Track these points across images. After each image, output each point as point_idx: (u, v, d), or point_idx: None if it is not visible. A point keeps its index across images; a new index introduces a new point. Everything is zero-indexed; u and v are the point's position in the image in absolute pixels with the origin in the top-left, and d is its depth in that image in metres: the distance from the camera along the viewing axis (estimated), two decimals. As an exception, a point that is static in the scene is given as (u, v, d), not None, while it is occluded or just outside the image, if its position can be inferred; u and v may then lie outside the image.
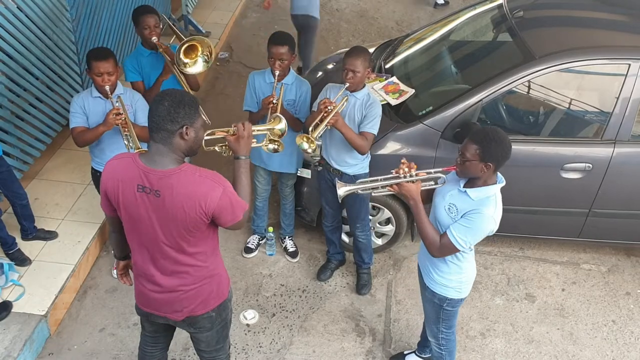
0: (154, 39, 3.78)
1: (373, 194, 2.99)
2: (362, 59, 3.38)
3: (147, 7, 3.89)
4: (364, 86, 3.52)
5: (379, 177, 2.85)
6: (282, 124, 2.91)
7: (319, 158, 3.83)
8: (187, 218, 2.31)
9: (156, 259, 2.47)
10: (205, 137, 2.54)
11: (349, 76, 3.39)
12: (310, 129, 3.38)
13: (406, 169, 2.73)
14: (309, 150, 3.36)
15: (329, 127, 3.37)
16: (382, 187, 2.82)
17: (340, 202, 3.09)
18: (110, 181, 2.38)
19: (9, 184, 3.81)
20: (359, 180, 2.97)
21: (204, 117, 2.42)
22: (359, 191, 2.93)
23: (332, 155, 3.67)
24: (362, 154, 3.54)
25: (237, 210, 2.39)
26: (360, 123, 3.50)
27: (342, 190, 2.91)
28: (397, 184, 2.74)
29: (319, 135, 3.36)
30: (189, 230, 2.35)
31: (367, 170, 3.70)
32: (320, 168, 3.83)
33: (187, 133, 2.28)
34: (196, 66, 3.73)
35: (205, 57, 3.72)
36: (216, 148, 2.73)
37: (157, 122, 2.25)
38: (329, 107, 3.34)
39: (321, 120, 3.35)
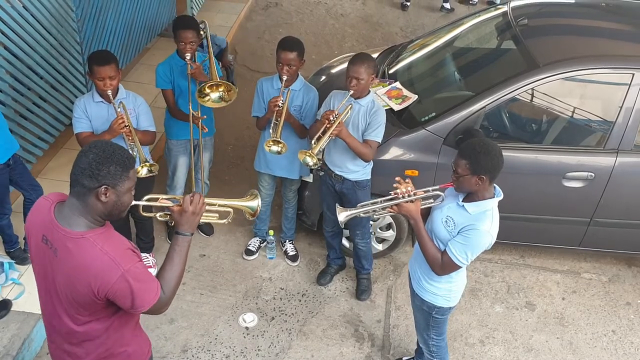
0: (187, 55, 3.65)
1: (375, 216, 2.99)
2: (365, 65, 3.35)
3: (186, 20, 3.80)
4: (368, 92, 3.50)
5: (379, 199, 2.86)
6: (255, 203, 2.49)
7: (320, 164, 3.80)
8: (75, 292, 2.01)
9: (60, 314, 2.16)
10: (146, 203, 2.26)
11: (352, 83, 3.36)
12: (312, 142, 3.35)
13: (404, 189, 2.73)
14: (311, 164, 3.33)
15: (332, 138, 3.34)
16: (382, 208, 2.83)
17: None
18: (29, 219, 2.14)
19: (27, 177, 3.77)
20: (360, 204, 2.97)
21: (130, 182, 2.03)
22: (361, 214, 2.93)
23: (334, 161, 3.65)
24: (366, 161, 3.54)
25: (139, 301, 2.01)
26: (365, 131, 3.48)
27: (343, 215, 2.91)
28: (396, 205, 2.75)
29: (322, 148, 3.32)
30: (80, 303, 2.05)
31: (369, 177, 3.68)
32: (322, 173, 3.82)
33: (105, 194, 1.96)
34: (210, 96, 3.58)
35: (223, 96, 3.59)
36: (157, 216, 2.36)
37: (76, 174, 1.96)
38: (331, 118, 3.31)
39: (323, 133, 3.31)
